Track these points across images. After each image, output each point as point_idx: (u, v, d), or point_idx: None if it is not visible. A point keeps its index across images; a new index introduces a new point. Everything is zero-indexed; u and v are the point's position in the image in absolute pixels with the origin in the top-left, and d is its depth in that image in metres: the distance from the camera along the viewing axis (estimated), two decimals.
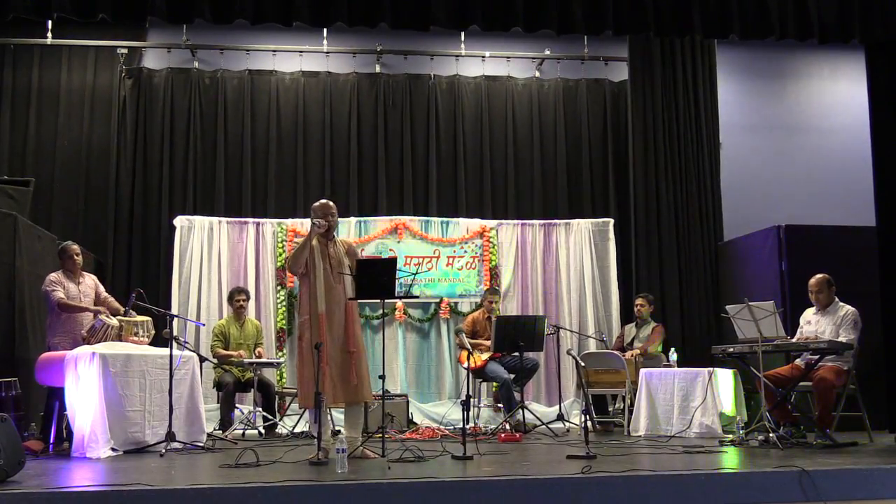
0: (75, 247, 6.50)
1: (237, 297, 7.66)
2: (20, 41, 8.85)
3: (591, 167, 9.51)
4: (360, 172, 9.20)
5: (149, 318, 6.32)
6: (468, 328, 7.85)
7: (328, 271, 5.26)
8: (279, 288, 8.60)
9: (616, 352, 7.65)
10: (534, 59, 9.58)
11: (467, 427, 5.43)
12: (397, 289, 5.40)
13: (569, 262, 8.99)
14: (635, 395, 6.99)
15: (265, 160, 9.13)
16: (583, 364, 6.62)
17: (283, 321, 8.50)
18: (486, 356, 7.56)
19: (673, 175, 9.14)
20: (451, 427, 7.52)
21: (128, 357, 5.72)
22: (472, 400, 7.12)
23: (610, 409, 7.77)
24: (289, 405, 7.86)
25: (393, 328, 8.66)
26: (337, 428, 5.75)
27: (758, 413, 6.00)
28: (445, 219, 9.02)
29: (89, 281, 6.52)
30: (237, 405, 7.46)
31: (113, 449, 5.46)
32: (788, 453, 5.15)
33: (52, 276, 6.32)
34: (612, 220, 9.18)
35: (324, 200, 5.48)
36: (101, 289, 6.60)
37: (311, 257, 5.26)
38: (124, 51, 9.04)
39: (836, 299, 6.20)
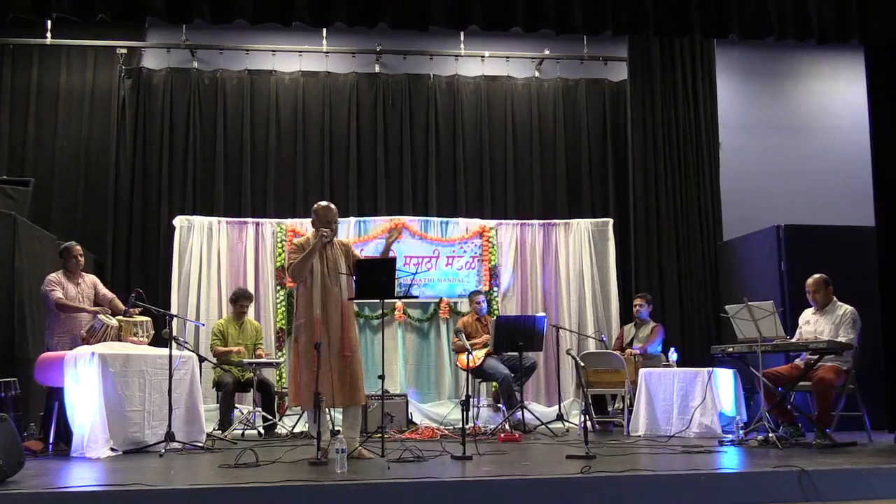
0: (78, 248, 6.49)
1: (242, 303, 7.65)
2: (20, 41, 8.85)
3: (591, 167, 9.51)
4: (360, 172, 9.20)
5: (148, 318, 6.32)
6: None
7: (325, 274, 5.25)
8: (279, 288, 8.60)
9: (616, 352, 7.66)
10: (533, 58, 9.58)
11: (467, 427, 5.43)
12: (397, 289, 5.40)
13: (568, 263, 8.99)
14: (635, 394, 6.99)
15: (265, 160, 9.13)
16: (582, 364, 6.62)
17: (283, 321, 8.49)
18: (482, 353, 7.57)
19: (672, 175, 9.14)
20: (451, 427, 7.52)
21: (127, 357, 5.72)
22: (471, 400, 7.12)
23: (609, 409, 7.77)
24: (288, 405, 7.86)
25: (392, 328, 8.65)
26: (336, 428, 5.75)
27: (757, 413, 6.01)
28: (445, 219, 9.02)
29: (89, 282, 6.51)
30: (237, 405, 7.45)
31: (112, 449, 5.47)
32: (788, 453, 5.16)
33: (52, 276, 6.32)
34: (611, 220, 9.18)
35: (325, 203, 5.46)
36: (103, 289, 6.61)
37: None
38: (123, 51, 9.04)
39: (835, 299, 6.20)
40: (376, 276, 5.23)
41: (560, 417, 7.41)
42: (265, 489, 3.85)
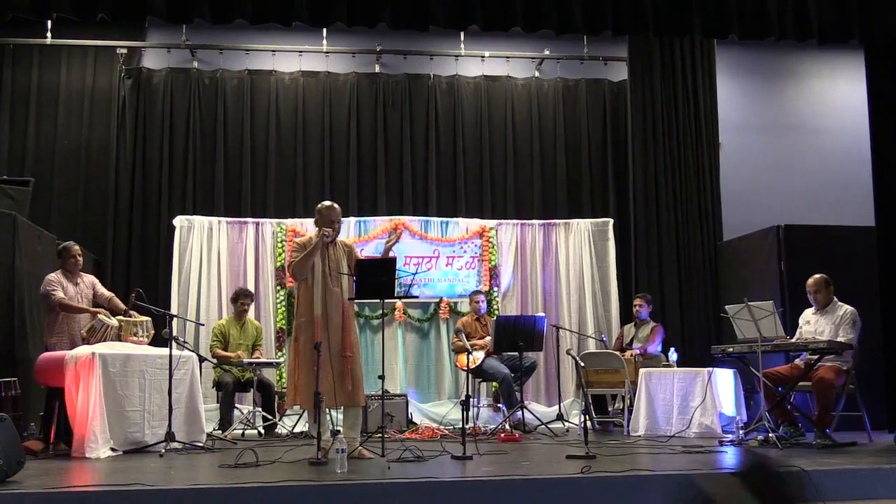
0: (77, 247, 6.49)
1: (242, 301, 7.66)
2: (20, 41, 8.84)
3: (591, 167, 9.51)
4: (360, 172, 9.20)
5: (148, 318, 6.32)
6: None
7: (326, 273, 5.25)
8: (279, 288, 8.60)
9: (615, 352, 7.66)
10: (533, 59, 9.58)
11: (467, 427, 5.43)
12: (397, 289, 5.40)
13: (568, 263, 8.99)
14: (635, 394, 6.99)
15: (265, 160, 9.13)
16: (582, 364, 6.62)
17: (283, 321, 8.49)
18: (481, 354, 7.58)
19: (672, 175, 9.14)
20: (451, 427, 7.52)
21: (127, 357, 5.73)
22: (471, 400, 7.12)
23: (609, 409, 7.77)
24: (288, 405, 7.85)
25: (392, 328, 8.65)
26: (336, 428, 5.75)
27: (757, 413, 6.01)
28: (445, 219, 9.02)
29: (87, 282, 6.51)
30: (237, 405, 7.45)
31: (112, 449, 5.47)
32: (788, 453, 5.16)
33: (52, 276, 6.32)
34: (611, 220, 9.18)
35: (328, 203, 5.47)
36: (102, 289, 6.60)
37: None
38: (124, 51, 9.03)
39: (835, 299, 6.20)
40: (376, 276, 5.23)
41: (560, 417, 7.42)
42: (265, 489, 3.85)
